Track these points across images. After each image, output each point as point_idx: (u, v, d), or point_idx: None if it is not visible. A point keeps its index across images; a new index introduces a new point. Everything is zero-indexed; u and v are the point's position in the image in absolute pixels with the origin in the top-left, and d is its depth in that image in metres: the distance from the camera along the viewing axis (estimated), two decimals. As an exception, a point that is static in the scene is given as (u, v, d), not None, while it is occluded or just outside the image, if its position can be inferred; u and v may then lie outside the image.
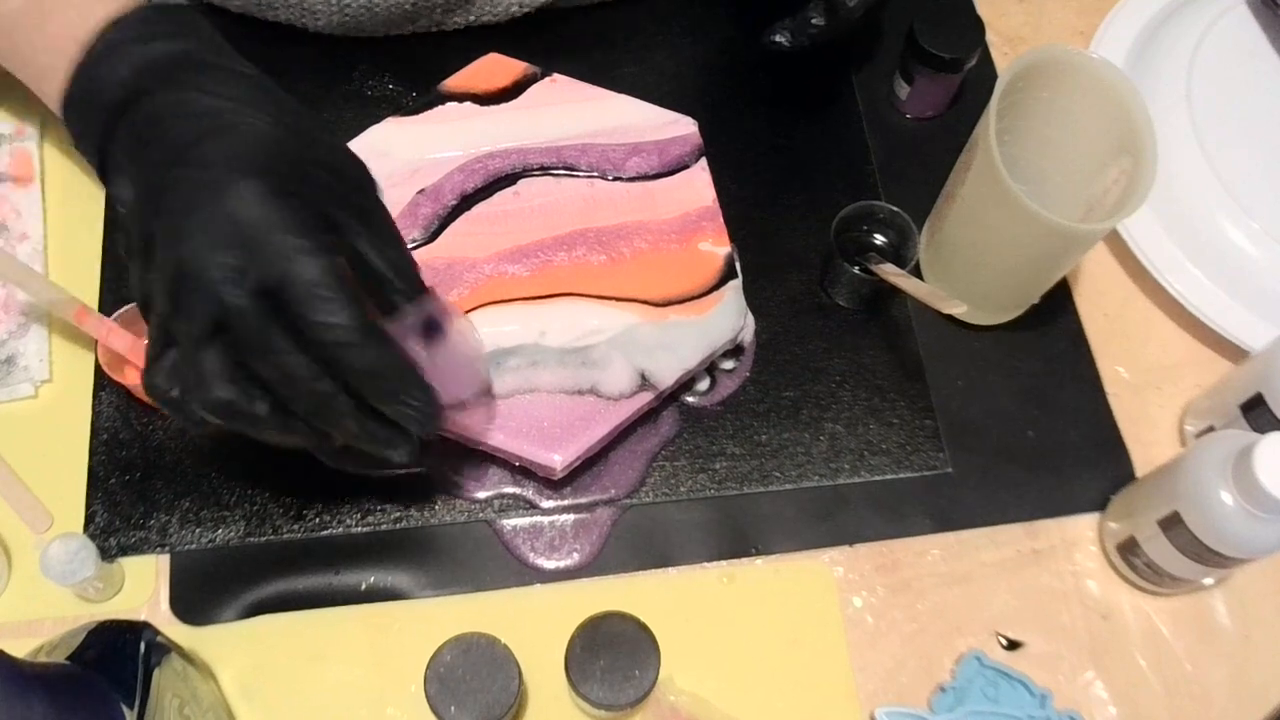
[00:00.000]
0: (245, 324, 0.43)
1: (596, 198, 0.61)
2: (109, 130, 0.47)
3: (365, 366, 0.45)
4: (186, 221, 0.44)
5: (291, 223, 0.44)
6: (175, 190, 0.45)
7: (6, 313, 0.62)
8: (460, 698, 0.51)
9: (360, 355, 0.45)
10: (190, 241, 0.44)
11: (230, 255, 0.43)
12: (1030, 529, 0.61)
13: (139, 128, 0.47)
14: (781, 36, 0.65)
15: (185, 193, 0.44)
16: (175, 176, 0.45)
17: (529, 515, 0.60)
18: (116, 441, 0.60)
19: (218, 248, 0.43)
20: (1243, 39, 0.72)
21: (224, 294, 0.43)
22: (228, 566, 0.58)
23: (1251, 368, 0.59)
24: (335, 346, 0.45)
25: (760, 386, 0.63)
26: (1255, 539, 0.52)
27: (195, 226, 0.44)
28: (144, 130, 0.46)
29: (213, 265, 0.43)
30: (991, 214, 0.58)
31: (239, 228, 0.43)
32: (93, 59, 0.48)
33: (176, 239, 0.44)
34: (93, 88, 0.48)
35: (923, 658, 0.58)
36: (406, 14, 0.68)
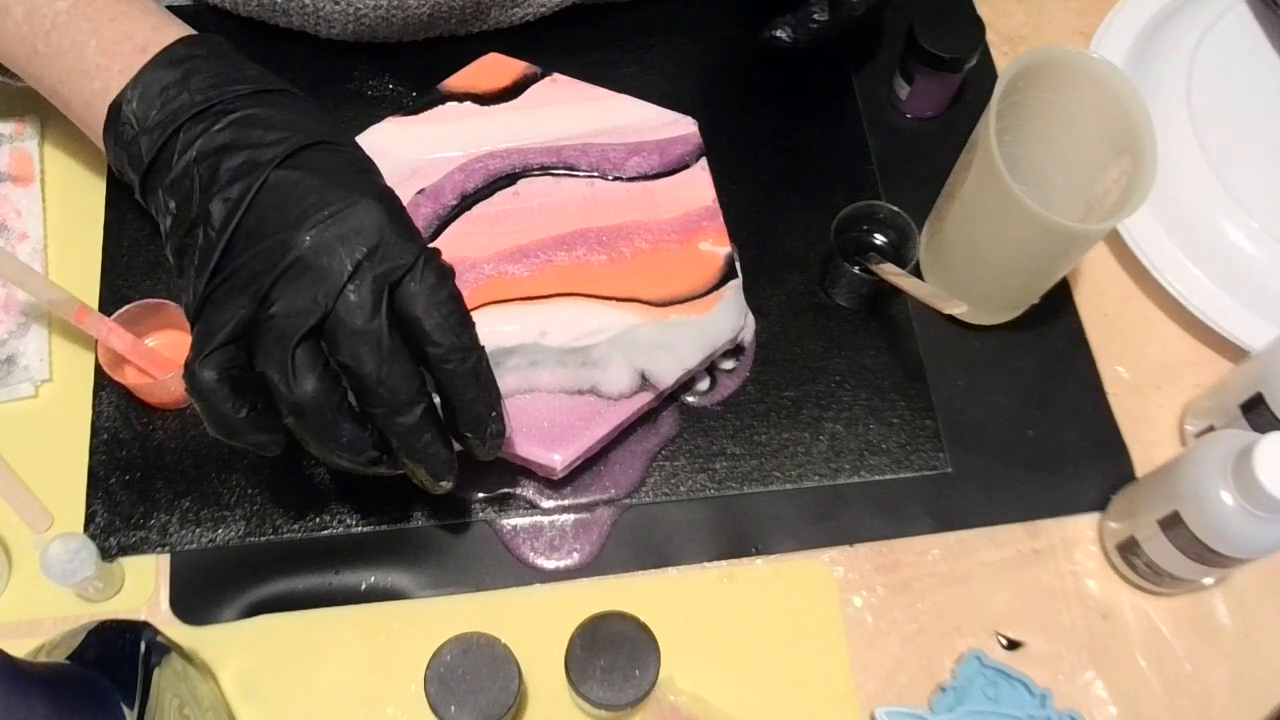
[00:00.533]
0: (360, 318, 0.44)
1: (596, 197, 0.61)
2: (176, 132, 0.47)
3: (471, 376, 0.47)
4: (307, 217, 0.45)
5: (412, 231, 0.47)
6: (290, 191, 0.46)
7: (6, 313, 0.62)
8: (460, 698, 0.51)
9: (466, 364, 0.47)
10: (311, 235, 0.45)
11: (358, 251, 0.45)
12: (1030, 529, 0.61)
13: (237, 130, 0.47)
14: (782, 32, 0.65)
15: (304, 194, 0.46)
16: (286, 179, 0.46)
17: (529, 515, 0.60)
18: (116, 441, 0.60)
19: (345, 241, 0.45)
20: (1243, 39, 0.72)
21: (348, 287, 0.44)
22: (228, 566, 0.58)
23: (1251, 368, 0.59)
24: (449, 352, 0.46)
25: (760, 386, 0.63)
26: (1255, 539, 0.52)
27: (318, 222, 0.45)
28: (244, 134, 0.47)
29: (341, 256, 0.44)
30: (991, 214, 0.58)
31: (364, 228, 0.45)
32: (160, 65, 0.49)
33: (294, 232, 0.45)
34: (161, 96, 0.48)
35: (923, 658, 0.58)
36: (422, 23, 0.68)
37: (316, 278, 0.45)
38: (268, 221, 0.46)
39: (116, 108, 0.49)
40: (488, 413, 0.49)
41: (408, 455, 0.48)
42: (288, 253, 0.45)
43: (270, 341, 0.45)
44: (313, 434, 0.46)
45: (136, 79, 0.48)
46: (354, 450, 0.47)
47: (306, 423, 0.46)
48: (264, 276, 0.45)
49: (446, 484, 0.50)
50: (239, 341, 0.45)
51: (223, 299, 0.46)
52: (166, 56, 0.49)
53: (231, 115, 0.47)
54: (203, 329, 0.46)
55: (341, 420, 0.46)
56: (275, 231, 0.45)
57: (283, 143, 0.47)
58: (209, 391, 0.45)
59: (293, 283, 0.45)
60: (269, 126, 0.47)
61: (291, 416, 0.46)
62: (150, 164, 0.48)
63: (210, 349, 0.45)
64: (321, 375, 0.45)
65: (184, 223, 0.47)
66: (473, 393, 0.48)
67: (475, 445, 0.50)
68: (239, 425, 0.46)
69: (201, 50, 0.50)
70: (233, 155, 0.47)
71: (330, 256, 0.45)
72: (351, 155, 0.49)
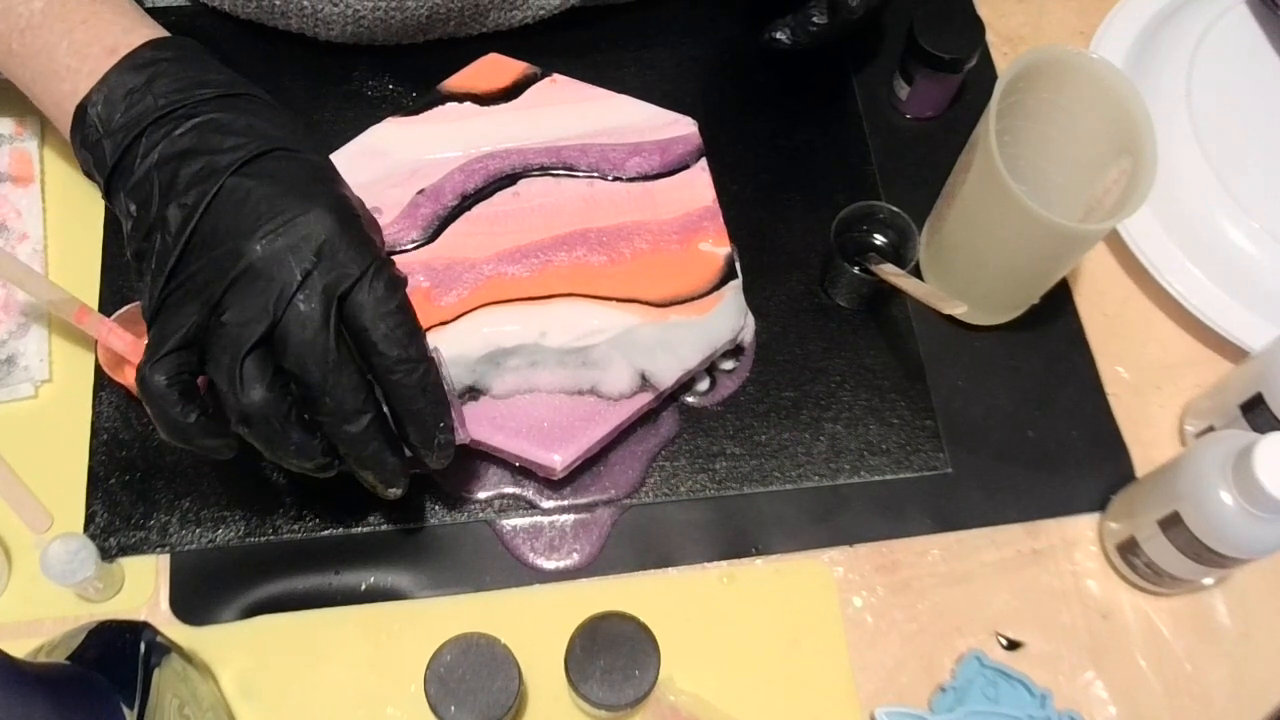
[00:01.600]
0: (308, 329, 0.45)
1: (596, 198, 0.61)
2: (140, 135, 0.47)
3: (418, 388, 0.47)
4: (259, 226, 0.45)
5: (364, 241, 0.47)
6: (244, 199, 0.46)
7: (6, 313, 0.62)
8: (460, 698, 0.51)
9: (413, 376, 0.47)
10: (262, 244, 0.45)
11: (307, 260, 0.45)
12: (1030, 529, 0.61)
13: (197, 135, 0.47)
14: (782, 34, 0.65)
15: (256, 202, 0.46)
16: (240, 186, 0.46)
17: (529, 515, 0.60)
18: (116, 441, 0.60)
19: (295, 251, 0.45)
20: (1243, 39, 0.72)
21: (296, 297, 0.45)
22: (228, 566, 0.58)
23: (1251, 368, 0.59)
24: (395, 363, 0.46)
25: (760, 386, 0.63)
26: (1255, 539, 0.52)
27: (269, 231, 0.45)
28: (205, 139, 0.47)
29: (290, 265, 0.45)
30: (991, 214, 0.58)
31: (314, 238, 0.45)
32: (126, 69, 0.48)
33: (245, 240, 0.45)
34: (125, 99, 0.48)
35: (923, 658, 0.58)
36: (420, 26, 0.67)
37: (265, 286, 0.45)
38: (221, 229, 0.46)
39: (82, 110, 0.49)
40: (435, 423, 0.49)
41: (356, 463, 0.48)
42: (239, 261, 0.45)
43: (219, 350, 0.45)
44: (262, 441, 0.47)
45: (102, 82, 0.48)
46: (303, 456, 0.47)
47: (255, 431, 0.46)
48: (215, 284, 0.45)
49: (396, 491, 0.51)
50: (191, 347, 0.46)
51: (176, 304, 0.46)
52: (132, 60, 0.49)
53: (193, 120, 0.47)
54: (156, 334, 0.46)
55: (290, 428, 0.46)
56: (227, 239, 0.45)
57: (240, 149, 0.47)
58: (159, 396, 0.45)
59: (243, 291, 0.45)
60: (229, 132, 0.47)
61: (240, 424, 0.46)
62: (114, 167, 0.48)
63: (161, 354, 0.45)
64: (270, 384, 0.45)
65: (143, 226, 0.47)
66: (419, 403, 0.48)
67: (424, 454, 0.50)
68: (189, 429, 0.46)
69: (168, 53, 0.49)
70: (192, 161, 0.47)
71: (280, 266, 0.45)
72: (309, 162, 0.49)
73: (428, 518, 0.59)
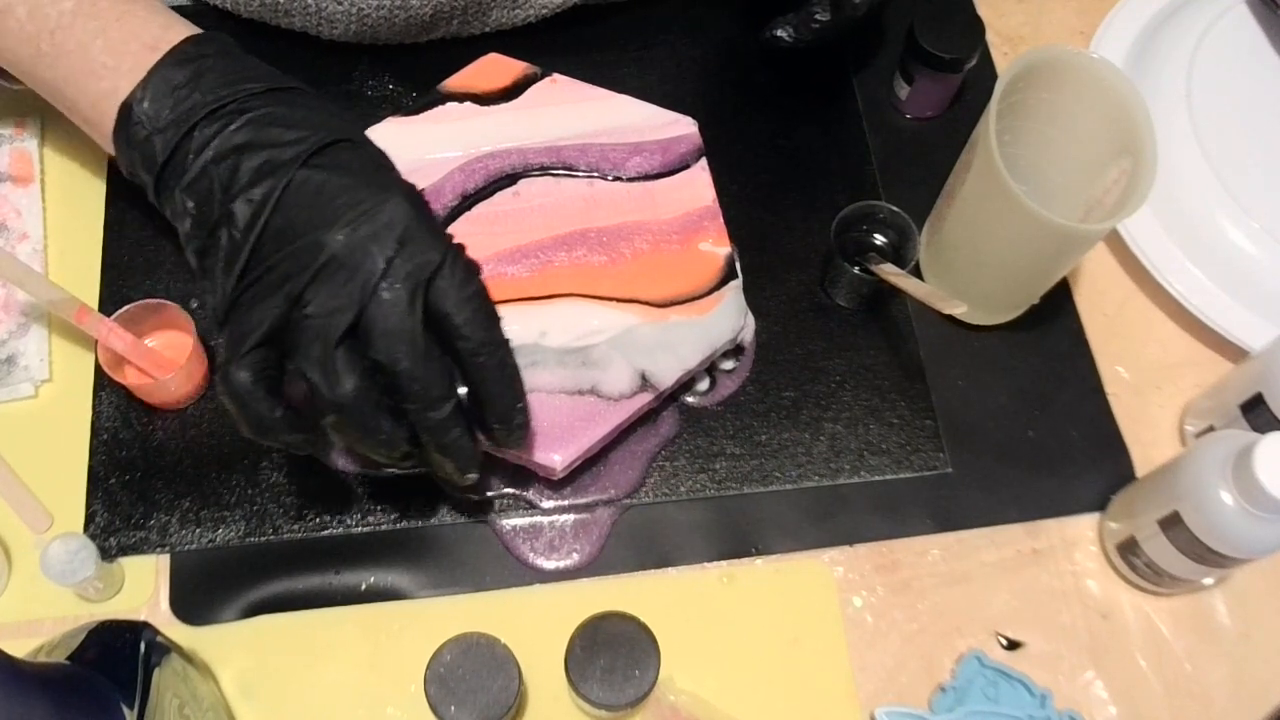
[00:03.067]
0: (394, 317, 0.45)
1: (596, 198, 0.61)
2: (190, 131, 0.47)
3: (499, 370, 0.47)
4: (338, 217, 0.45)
5: (438, 227, 0.47)
6: (318, 191, 0.46)
7: (6, 313, 0.62)
8: (460, 698, 0.51)
9: (495, 358, 0.47)
10: (343, 234, 0.45)
11: (389, 248, 0.45)
12: (1030, 529, 0.61)
13: (253, 130, 0.47)
14: (783, 32, 0.65)
15: (332, 194, 0.46)
16: (311, 179, 0.46)
17: (529, 515, 0.60)
18: (116, 441, 0.60)
19: (377, 240, 0.45)
20: (1243, 39, 0.72)
21: (380, 286, 0.45)
22: (228, 566, 0.58)
23: (1251, 368, 0.59)
24: (478, 346, 0.46)
25: (760, 386, 0.63)
26: (1255, 539, 0.52)
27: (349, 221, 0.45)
28: (260, 133, 0.47)
29: (374, 254, 0.45)
30: (991, 214, 0.58)
31: (395, 226, 0.45)
32: (171, 65, 0.48)
33: (325, 232, 0.45)
34: (172, 96, 0.48)
35: (923, 658, 0.58)
36: (424, 24, 0.67)
37: (350, 277, 0.45)
38: (297, 222, 0.46)
39: (127, 108, 0.48)
40: (514, 404, 0.49)
41: (438, 450, 0.48)
42: (320, 252, 0.45)
43: (308, 342, 0.45)
44: (354, 431, 0.47)
45: (147, 78, 0.48)
46: (391, 445, 0.47)
47: (349, 421, 0.46)
48: (298, 277, 0.45)
49: (473, 476, 0.51)
50: (272, 343, 0.46)
51: (253, 300, 0.46)
52: (176, 55, 0.49)
53: (247, 114, 0.47)
54: (235, 331, 0.46)
55: (381, 417, 0.46)
56: (306, 232, 0.45)
57: (302, 142, 0.47)
58: (245, 393, 0.45)
59: (327, 282, 0.45)
60: (286, 125, 0.47)
61: (333, 415, 0.46)
62: (164, 164, 0.48)
63: (245, 350, 0.45)
64: (361, 374, 0.45)
65: (205, 224, 0.47)
66: (501, 385, 0.48)
67: (502, 436, 0.50)
68: (275, 425, 0.46)
69: (210, 48, 0.50)
70: (252, 155, 0.46)
71: (363, 255, 0.45)
72: (371, 152, 0.49)
73: (428, 518, 0.59)
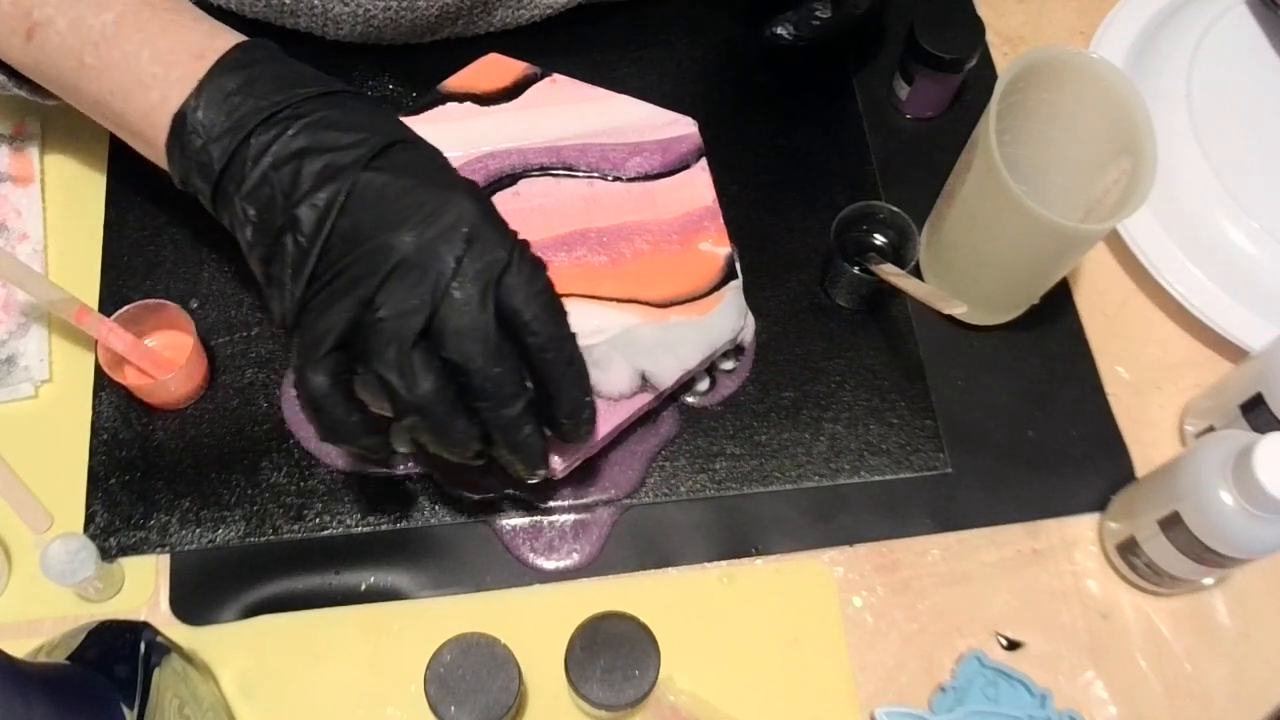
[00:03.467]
0: (467, 315, 0.45)
1: (596, 198, 0.61)
2: (249, 136, 0.47)
3: (568, 364, 0.48)
4: (406, 218, 0.45)
5: (503, 224, 0.47)
6: (382, 194, 0.46)
7: (6, 313, 0.62)
8: (460, 698, 0.51)
9: (564, 353, 0.47)
10: (412, 236, 0.45)
11: (458, 248, 0.45)
12: (1030, 529, 0.61)
13: (311, 134, 0.47)
14: (783, 29, 0.65)
15: (397, 195, 0.46)
16: (374, 181, 0.46)
17: (529, 515, 0.60)
18: (116, 441, 0.60)
19: (446, 240, 0.45)
20: (1243, 39, 0.72)
21: (451, 285, 0.45)
22: (228, 566, 0.58)
23: (1251, 368, 0.59)
24: (548, 342, 0.46)
25: (760, 386, 0.63)
26: (1255, 539, 0.52)
27: (417, 222, 0.45)
28: (319, 136, 0.47)
29: (443, 254, 0.45)
30: (991, 214, 0.58)
31: (462, 225, 0.46)
32: (223, 71, 0.48)
33: (394, 234, 0.45)
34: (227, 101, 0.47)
35: (923, 658, 0.58)
36: (430, 24, 0.67)
37: (421, 278, 0.45)
38: (364, 225, 0.46)
39: (181, 117, 0.48)
40: (582, 398, 0.50)
41: (509, 447, 0.48)
42: (390, 255, 0.45)
43: (384, 344, 0.45)
44: (431, 431, 0.47)
45: (200, 87, 0.48)
46: (464, 445, 0.47)
47: (427, 421, 0.46)
48: (368, 280, 0.45)
49: (542, 472, 0.51)
50: (345, 347, 0.46)
51: (324, 304, 0.46)
52: (226, 63, 0.48)
53: (303, 119, 0.47)
54: (307, 336, 0.46)
55: (457, 416, 0.46)
56: (374, 235, 0.45)
57: (362, 145, 0.47)
58: (323, 397, 0.46)
59: (398, 284, 0.45)
60: (343, 129, 0.47)
61: (412, 416, 0.46)
62: (221, 172, 0.48)
63: (320, 355, 0.45)
64: (437, 374, 0.46)
65: (269, 230, 0.47)
66: (570, 380, 0.49)
67: (569, 430, 0.50)
68: (354, 429, 0.47)
69: (259, 54, 0.49)
70: (312, 159, 0.46)
71: (433, 256, 0.45)
72: (429, 151, 0.49)
73: (428, 518, 0.59)
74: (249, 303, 0.64)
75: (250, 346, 0.63)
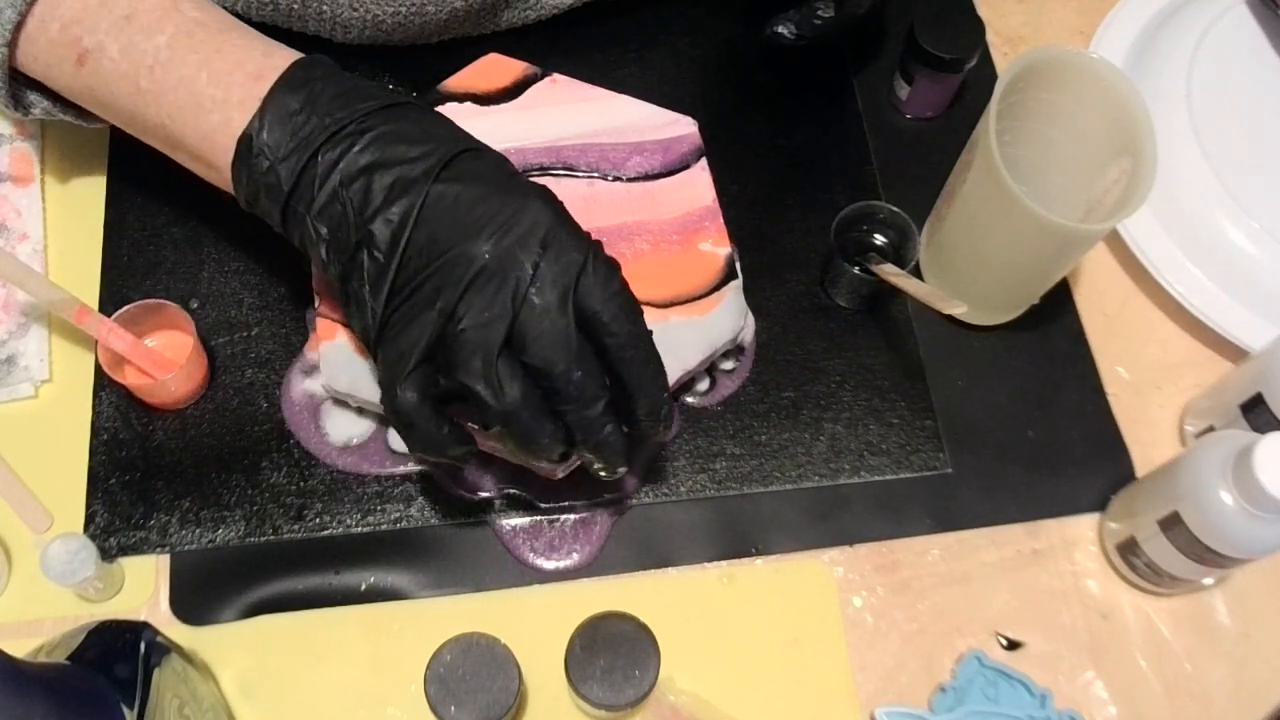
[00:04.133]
0: (548, 320, 0.45)
1: (597, 198, 0.61)
2: (314, 157, 0.47)
3: (647, 362, 0.48)
4: (482, 227, 0.45)
5: (577, 226, 0.47)
6: (454, 204, 0.46)
7: (6, 313, 0.62)
8: (460, 698, 0.51)
9: (642, 351, 0.47)
10: (490, 244, 0.45)
11: (534, 253, 0.45)
12: (1030, 529, 0.61)
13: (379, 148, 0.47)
14: (785, 29, 0.65)
15: (470, 205, 0.46)
16: (446, 192, 0.46)
17: (529, 515, 0.60)
18: (116, 441, 0.60)
19: (523, 246, 0.45)
20: (1243, 39, 0.72)
21: (530, 291, 0.45)
22: (228, 566, 0.58)
23: (1251, 368, 0.59)
24: (627, 340, 0.47)
25: (760, 386, 0.63)
26: (1255, 539, 0.52)
27: (493, 230, 0.45)
28: (384, 151, 0.46)
29: (521, 261, 0.45)
30: (991, 214, 0.58)
31: (538, 230, 0.45)
32: (284, 89, 0.48)
33: (472, 243, 0.45)
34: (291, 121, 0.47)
35: (923, 658, 0.58)
36: (438, 27, 0.67)
37: (500, 285, 0.45)
38: (440, 237, 0.46)
39: (248, 139, 0.48)
40: (661, 394, 0.50)
41: (592, 449, 0.48)
42: (470, 265, 0.45)
43: (469, 355, 0.45)
44: (520, 437, 0.47)
45: (263, 108, 0.47)
46: (551, 449, 0.47)
47: (513, 429, 0.46)
48: (450, 290, 0.45)
49: (623, 469, 0.51)
50: (432, 359, 0.46)
51: (406, 318, 0.46)
52: (287, 82, 0.48)
53: (368, 134, 0.47)
54: (392, 351, 0.46)
55: (544, 421, 0.46)
56: (450, 246, 0.45)
57: (430, 156, 0.47)
58: (415, 412, 0.46)
59: (479, 294, 0.45)
60: (410, 141, 0.47)
61: (501, 425, 0.46)
62: (290, 192, 0.47)
63: (409, 370, 0.45)
64: (523, 381, 0.46)
65: (344, 248, 0.47)
66: (648, 377, 0.49)
67: (649, 426, 0.50)
68: (444, 442, 0.47)
69: (317, 71, 0.49)
70: (382, 174, 0.46)
71: (511, 263, 0.45)
72: (496, 158, 0.49)
73: (428, 518, 0.59)
74: (249, 303, 0.64)
75: (250, 346, 0.63)
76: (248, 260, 0.64)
